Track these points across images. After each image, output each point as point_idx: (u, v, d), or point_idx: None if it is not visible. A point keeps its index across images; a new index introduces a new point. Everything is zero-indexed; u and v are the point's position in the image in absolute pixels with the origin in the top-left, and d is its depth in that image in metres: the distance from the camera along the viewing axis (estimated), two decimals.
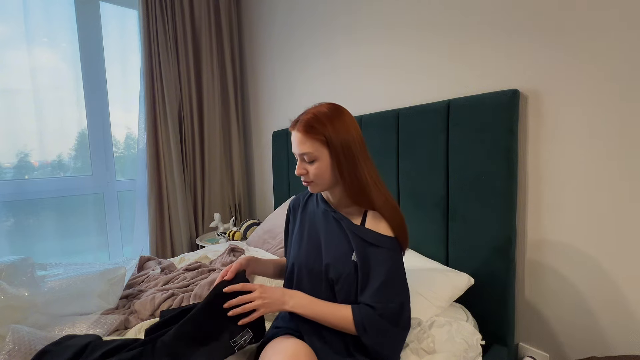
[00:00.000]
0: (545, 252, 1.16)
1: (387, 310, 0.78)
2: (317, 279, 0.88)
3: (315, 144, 0.80)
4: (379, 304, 0.78)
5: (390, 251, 0.82)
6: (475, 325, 1.18)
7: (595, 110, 1.03)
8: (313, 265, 0.89)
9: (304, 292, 0.88)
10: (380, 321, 0.77)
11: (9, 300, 1.00)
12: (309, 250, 0.91)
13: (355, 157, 0.81)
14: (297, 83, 2.15)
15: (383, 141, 1.53)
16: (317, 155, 0.81)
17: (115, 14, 2.21)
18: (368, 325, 0.77)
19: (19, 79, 1.88)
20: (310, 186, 0.86)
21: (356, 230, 0.84)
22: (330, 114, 0.81)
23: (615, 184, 1.01)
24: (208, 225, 2.46)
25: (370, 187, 0.82)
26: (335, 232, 0.88)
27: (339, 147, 0.80)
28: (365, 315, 0.78)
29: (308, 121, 0.81)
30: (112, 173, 2.22)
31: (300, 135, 0.81)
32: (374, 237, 0.82)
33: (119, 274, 1.25)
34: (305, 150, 0.81)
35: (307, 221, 0.96)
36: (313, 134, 0.80)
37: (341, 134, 0.80)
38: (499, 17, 1.20)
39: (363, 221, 0.85)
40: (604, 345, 1.06)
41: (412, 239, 1.47)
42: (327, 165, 0.81)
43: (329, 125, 0.80)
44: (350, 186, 0.82)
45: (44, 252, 2.01)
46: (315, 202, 0.96)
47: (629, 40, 0.95)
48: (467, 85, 1.31)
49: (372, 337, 0.78)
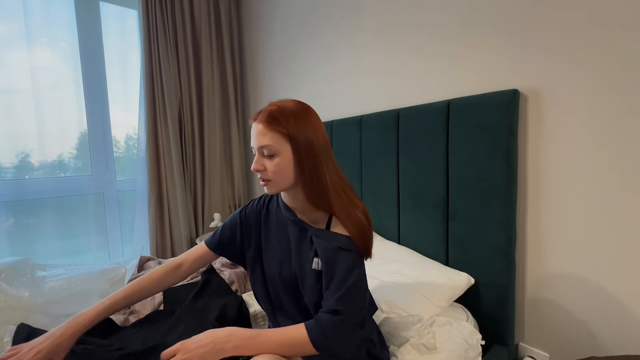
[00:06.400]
0: (545, 252, 1.17)
1: (352, 315, 0.73)
2: (293, 289, 0.83)
3: (276, 136, 0.75)
4: (344, 306, 0.72)
5: (355, 255, 0.77)
6: (475, 325, 1.18)
7: (595, 110, 1.03)
8: (285, 274, 0.84)
9: (284, 305, 0.84)
10: (343, 325, 0.72)
11: (10, 300, 1.00)
12: (282, 259, 0.85)
13: (317, 156, 0.76)
14: (297, 83, 2.15)
15: (383, 141, 1.53)
16: (277, 149, 0.75)
17: (115, 14, 2.21)
18: (330, 332, 0.71)
19: (19, 79, 1.88)
20: (267, 186, 0.79)
21: (319, 234, 0.79)
22: (295, 110, 0.78)
23: (616, 184, 1.01)
24: (208, 225, 2.46)
25: (329, 191, 0.77)
26: (299, 240, 0.83)
27: (302, 144, 0.75)
28: (326, 324, 0.71)
29: (271, 113, 0.76)
30: (112, 173, 2.22)
31: (261, 127, 0.76)
32: (338, 240, 0.77)
33: (119, 274, 1.25)
34: (265, 143, 0.75)
35: (273, 229, 0.89)
36: (276, 126, 0.75)
37: (305, 131, 0.76)
38: (498, 17, 1.20)
39: (328, 226, 0.80)
40: (603, 346, 1.07)
41: (412, 238, 1.49)
42: (288, 162, 0.76)
43: (293, 120, 0.75)
44: (309, 186, 0.77)
45: (44, 252, 2.01)
46: (275, 208, 0.90)
47: (629, 40, 0.96)
48: (467, 85, 1.31)
49: (335, 344, 0.72)
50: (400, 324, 0.98)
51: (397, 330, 0.97)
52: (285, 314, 0.87)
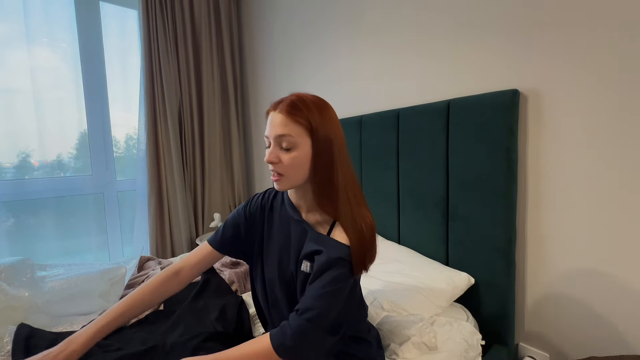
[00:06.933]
0: (545, 252, 1.17)
1: (321, 318, 0.67)
2: (290, 289, 0.81)
3: (298, 129, 0.71)
4: (313, 308, 0.68)
5: (347, 267, 0.71)
6: (475, 325, 1.18)
7: (595, 109, 1.03)
8: (283, 273, 0.81)
9: (279, 304, 0.82)
10: (308, 326, 0.67)
11: (10, 300, 1.00)
12: (281, 257, 0.82)
13: (333, 155, 0.73)
14: (297, 83, 2.15)
15: (383, 141, 1.53)
16: (297, 142, 0.71)
17: (115, 14, 2.21)
18: (294, 336, 0.66)
19: (19, 79, 1.88)
20: (279, 181, 0.75)
21: (317, 239, 0.76)
22: (317, 103, 0.74)
23: (616, 184, 1.01)
24: (208, 225, 2.46)
25: (339, 193, 0.73)
26: (300, 240, 0.80)
27: (322, 140, 0.71)
28: (291, 324, 0.68)
29: (294, 103, 0.72)
30: (112, 173, 2.22)
31: (282, 117, 0.71)
32: (335, 249, 0.72)
33: (119, 274, 1.25)
34: (285, 132, 0.71)
35: (276, 226, 0.86)
36: (298, 117, 0.70)
37: (326, 127, 0.72)
38: (499, 18, 1.20)
39: (329, 231, 0.76)
40: (603, 345, 1.07)
41: (412, 238, 1.49)
42: (305, 157, 0.72)
43: (317, 114, 0.72)
44: (319, 186, 0.74)
45: (44, 252, 2.01)
46: (280, 205, 0.87)
47: (629, 40, 0.96)
48: (467, 85, 1.31)
49: (299, 349, 0.67)
50: (401, 322, 0.98)
51: (398, 328, 0.97)
52: (281, 314, 0.85)
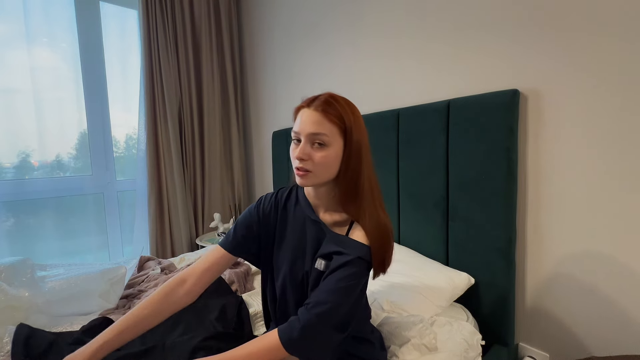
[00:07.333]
0: (545, 252, 1.16)
1: (330, 313, 0.67)
2: (301, 289, 0.80)
3: (332, 128, 0.70)
4: (323, 303, 0.68)
5: (364, 267, 0.72)
6: (475, 325, 1.18)
7: (595, 109, 1.03)
8: (296, 273, 0.80)
9: (288, 304, 0.81)
10: (316, 320, 0.67)
11: (10, 300, 1.00)
12: (295, 257, 0.81)
13: (362, 157, 0.73)
14: (297, 83, 2.15)
15: (383, 141, 1.53)
16: (330, 140, 0.70)
17: (115, 14, 2.21)
18: (302, 330, 0.66)
19: (19, 79, 1.88)
20: (305, 177, 0.73)
21: (336, 240, 0.75)
22: (350, 104, 0.74)
23: (615, 184, 1.01)
24: (208, 225, 2.46)
25: (364, 195, 0.74)
26: (316, 241, 0.79)
27: (354, 142, 0.72)
28: (299, 318, 0.68)
29: (329, 102, 0.71)
30: (112, 173, 2.22)
31: (317, 115, 0.70)
32: (356, 249, 0.72)
33: (119, 274, 1.25)
34: (320, 131, 0.70)
35: (290, 225, 0.84)
36: (333, 116, 0.70)
37: (359, 129, 0.73)
38: (499, 17, 1.20)
39: (348, 231, 0.76)
40: (603, 346, 1.07)
41: (412, 238, 1.49)
42: (336, 157, 0.72)
43: (351, 115, 0.72)
44: (345, 187, 0.74)
45: (44, 252, 2.01)
46: (294, 204, 0.85)
47: (629, 40, 0.95)
48: (467, 85, 1.31)
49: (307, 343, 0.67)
50: (402, 324, 0.98)
51: (398, 330, 0.97)
52: (288, 313, 0.84)
